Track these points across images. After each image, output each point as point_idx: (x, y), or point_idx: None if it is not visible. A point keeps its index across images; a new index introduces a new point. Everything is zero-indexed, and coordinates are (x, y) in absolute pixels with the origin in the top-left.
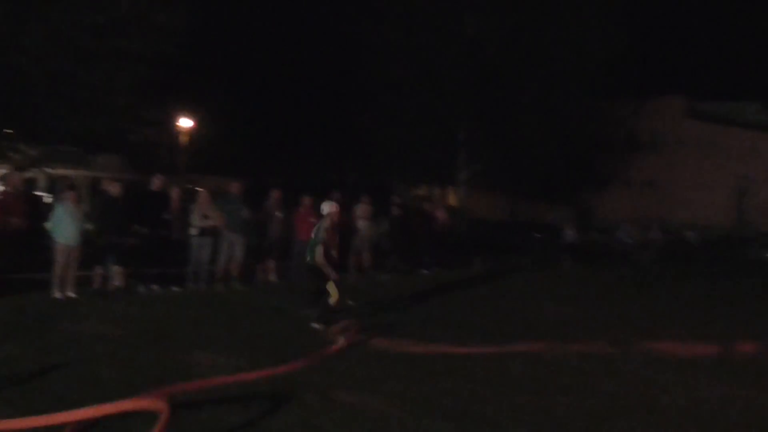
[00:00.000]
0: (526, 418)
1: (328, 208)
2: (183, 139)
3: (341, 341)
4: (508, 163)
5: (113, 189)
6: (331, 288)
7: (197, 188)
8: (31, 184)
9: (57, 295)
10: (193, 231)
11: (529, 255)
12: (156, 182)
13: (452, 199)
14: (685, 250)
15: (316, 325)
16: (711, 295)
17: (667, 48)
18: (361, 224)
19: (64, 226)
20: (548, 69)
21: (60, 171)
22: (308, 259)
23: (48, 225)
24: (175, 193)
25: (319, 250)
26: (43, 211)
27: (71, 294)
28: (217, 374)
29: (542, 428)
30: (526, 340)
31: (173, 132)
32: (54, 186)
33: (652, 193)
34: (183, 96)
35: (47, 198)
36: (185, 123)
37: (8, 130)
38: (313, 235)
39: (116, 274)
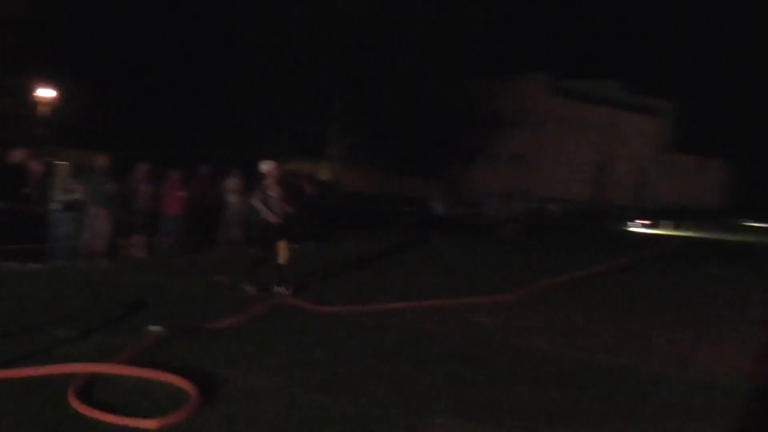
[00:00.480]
0: (395, 387)
1: (267, 167)
2: (43, 110)
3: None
4: (379, 137)
5: None
6: (282, 248)
7: (59, 161)
8: None
9: None
10: (55, 206)
11: (399, 229)
12: (15, 155)
13: (324, 173)
14: (548, 222)
15: (278, 289)
16: (560, 264)
17: (532, 27)
18: (231, 198)
19: None
20: (417, 45)
21: None
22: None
23: None
24: (35, 166)
25: (257, 195)
26: None
27: None
28: (80, 352)
29: (409, 395)
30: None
31: (33, 103)
32: None
33: (518, 168)
34: (44, 66)
35: None
36: (46, 93)
37: None
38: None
39: None
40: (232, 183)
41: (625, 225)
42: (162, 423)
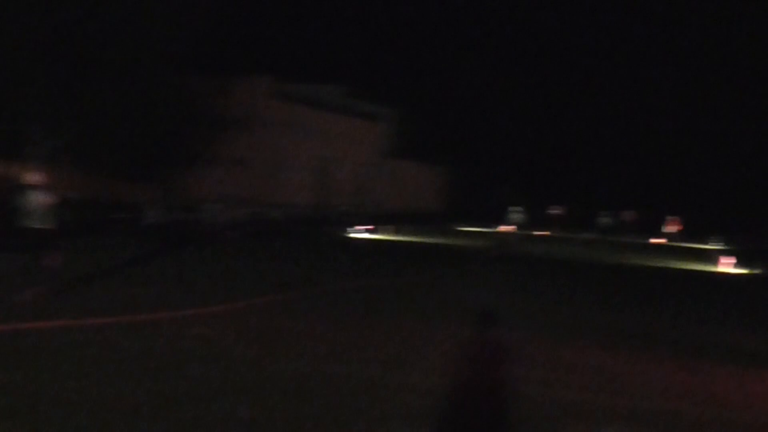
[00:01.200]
0: (92, 409)
1: (36, 177)
2: None
3: None
4: (89, 138)
5: None
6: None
7: None
8: None
9: None
10: None
11: (109, 237)
12: None
13: (27, 177)
14: (270, 227)
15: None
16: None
17: (255, 28)
18: None
19: None
20: (129, 41)
21: None
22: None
23: None
24: None
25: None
26: None
27: None
28: None
29: (109, 418)
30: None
31: None
32: None
33: (241, 172)
34: None
35: None
36: None
37: None
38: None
39: None
40: None
41: (347, 230)
42: None
